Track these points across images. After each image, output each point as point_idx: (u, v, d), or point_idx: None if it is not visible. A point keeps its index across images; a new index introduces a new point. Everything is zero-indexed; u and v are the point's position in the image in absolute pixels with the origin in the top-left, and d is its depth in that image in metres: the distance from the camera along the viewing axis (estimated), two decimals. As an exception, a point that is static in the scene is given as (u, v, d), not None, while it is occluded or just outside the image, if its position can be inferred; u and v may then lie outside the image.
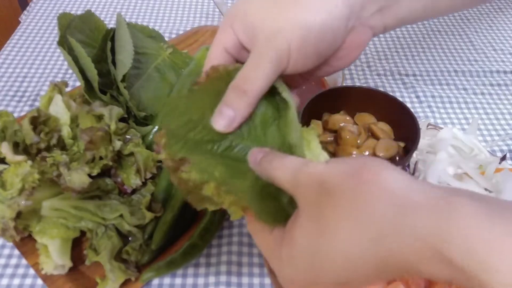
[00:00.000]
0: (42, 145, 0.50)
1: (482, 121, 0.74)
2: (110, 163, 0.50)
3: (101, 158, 0.50)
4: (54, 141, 0.51)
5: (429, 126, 0.62)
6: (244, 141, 0.37)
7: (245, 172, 0.34)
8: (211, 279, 0.50)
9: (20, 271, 0.51)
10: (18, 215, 0.46)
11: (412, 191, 0.25)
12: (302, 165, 0.30)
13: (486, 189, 0.52)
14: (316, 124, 0.55)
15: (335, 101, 0.57)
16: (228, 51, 0.39)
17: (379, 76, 0.81)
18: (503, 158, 0.56)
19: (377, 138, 0.54)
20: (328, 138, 0.54)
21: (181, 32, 0.89)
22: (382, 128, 0.55)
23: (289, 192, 0.31)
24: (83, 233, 0.50)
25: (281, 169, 0.31)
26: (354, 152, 0.52)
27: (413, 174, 0.56)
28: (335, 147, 0.53)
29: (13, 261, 0.52)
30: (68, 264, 0.48)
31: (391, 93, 0.65)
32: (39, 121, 0.52)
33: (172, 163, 0.33)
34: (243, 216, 0.34)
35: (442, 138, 0.57)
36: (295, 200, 0.30)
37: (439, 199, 0.24)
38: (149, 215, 0.49)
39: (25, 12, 0.95)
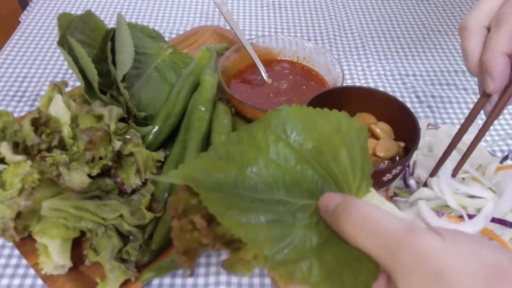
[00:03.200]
0: (43, 146, 0.50)
1: (482, 121, 0.74)
2: (110, 163, 0.50)
3: (100, 158, 0.50)
4: (55, 142, 0.51)
5: (429, 126, 0.62)
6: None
7: (294, 226, 0.28)
8: (211, 279, 0.50)
9: (20, 271, 0.51)
10: (18, 215, 0.46)
11: None
12: (405, 233, 0.24)
13: (490, 188, 0.52)
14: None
15: (335, 101, 0.57)
16: None
17: (379, 76, 0.81)
18: (505, 158, 0.56)
19: (377, 138, 0.54)
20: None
21: (181, 32, 0.89)
22: (382, 128, 0.55)
23: (381, 264, 0.25)
24: (83, 233, 0.50)
25: (372, 233, 0.25)
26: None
27: (412, 174, 0.56)
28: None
29: (13, 261, 0.52)
30: (68, 264, 0.48)
31: (391, 93, 0.65)
32: (40, 122, 0.52)
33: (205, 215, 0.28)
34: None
35: (441, 137, 0.57)
36: (390, 274, 0.24)
37: None
38: (149, 215, 0.49)
39: (25, 12, 0.95)
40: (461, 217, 0.50)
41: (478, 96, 0.77)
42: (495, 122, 0.73)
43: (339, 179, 0.30)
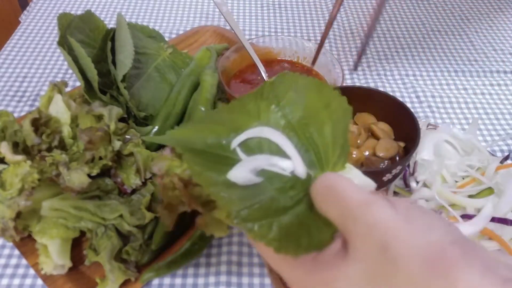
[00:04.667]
0: (43, 147, 0.50)
1: (482, 121, 0.74)
2: (110, 163, 0.50)
3: (100, 158, 0.50)
4: (55, 142, 0.51)
5: (429, 126, 0.62)
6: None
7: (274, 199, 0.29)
8: (211, 279, 0.50)
9: (20, 271, 0.51)
10: (18, 215, 0.46)
11: None
12: (361, 203, 0.25)
13: (490, 188, 0.52)
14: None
15: (335, 101, 0.57)
16: None
17: (379, 76, 0.81)
18: (506, 158, 0.56)
19: (377, 138, 0.54)
20: (328, 138, 0.54)
21: (181, 32, 0.89)
22: (382, 128, 0.55)
23: (340, 230, 0.27)
24: (83, 233, 0.50)
25: (333, 202, 0.26)
26: (354, 152, 0.52)
27: (412, 174, 0.56)
28: (335, 147, 0.53)
29: (13, 261, 0.52)
30: (68, 264, 0.48)
31: (391, 93, 0.65)
32: (40, 122, 0.52)
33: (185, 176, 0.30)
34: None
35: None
36: (346, 239, 0.26)
37: None
38: (149, 215, 0.49)
39: (25, 12, 0.95)
40: (463, 217, 0.50)
41: (478, 96, 0.77)
42: (495, 122, 0.73)
43: (320, 152, 0.31)
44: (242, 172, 0.29)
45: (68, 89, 0.70)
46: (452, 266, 0.22)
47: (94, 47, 0.62)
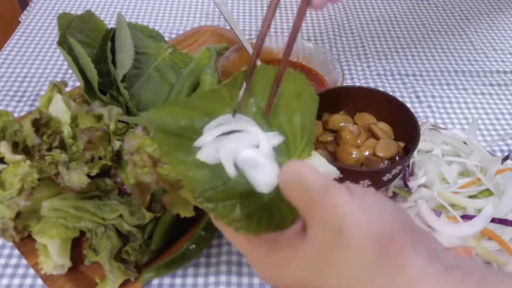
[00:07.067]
0: (44, 147, 0.50)
1: (482, 121, 0.74)
2: (109, 163, 0.50)
3: (100, 158, 0.50)
4: (56, 143, 0.51)
5: (431, 127, 0.62)
6: None
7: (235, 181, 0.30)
8: (211, 279, 0.50)
9: (20, 271, 0.51)
10: (18, 215, 0.46)
11: None
12: (320, 189, 0.26)
13: (489, 189, 0.52)
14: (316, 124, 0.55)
15: (335, 101, 0.57)
16: None
17: (379, 76, 0.81)
18: (506, 158, 0.56)
19: (377, 138, 0.54)
20: (328, 138, 0.54)
21: (181, 32, 0.89)
22: (382, 128, 0.55)
23: (301, 214, 0.28)
24: (83, 233, 0.50)
25: (295, 187, 0.28)
26: (354, 152, 0.52)
27: (412, 174, 0.55)
28: (335, 147, 0.53)
29: (13, 261, 0.52)
30: (68, 264, 0.48)
31: (391, 93, 0.65)
32: (41, 123, 0.52)
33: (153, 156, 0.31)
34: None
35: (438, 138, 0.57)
36: (306, 222, 0.28)
37: None
38: (149, 215, 0.49)
39: (25, 12, 0.95)
40: (463, 217, 0.50)
41: (478, 96, 0.78)
42: (495, 122, 0.73)
43: (288, 139, 0.32)
44: (211, 150, 0.30)
45: (68, 89, 0.70)
46: (400, 251, 0.24)
47: (94, 47, 0.62)
